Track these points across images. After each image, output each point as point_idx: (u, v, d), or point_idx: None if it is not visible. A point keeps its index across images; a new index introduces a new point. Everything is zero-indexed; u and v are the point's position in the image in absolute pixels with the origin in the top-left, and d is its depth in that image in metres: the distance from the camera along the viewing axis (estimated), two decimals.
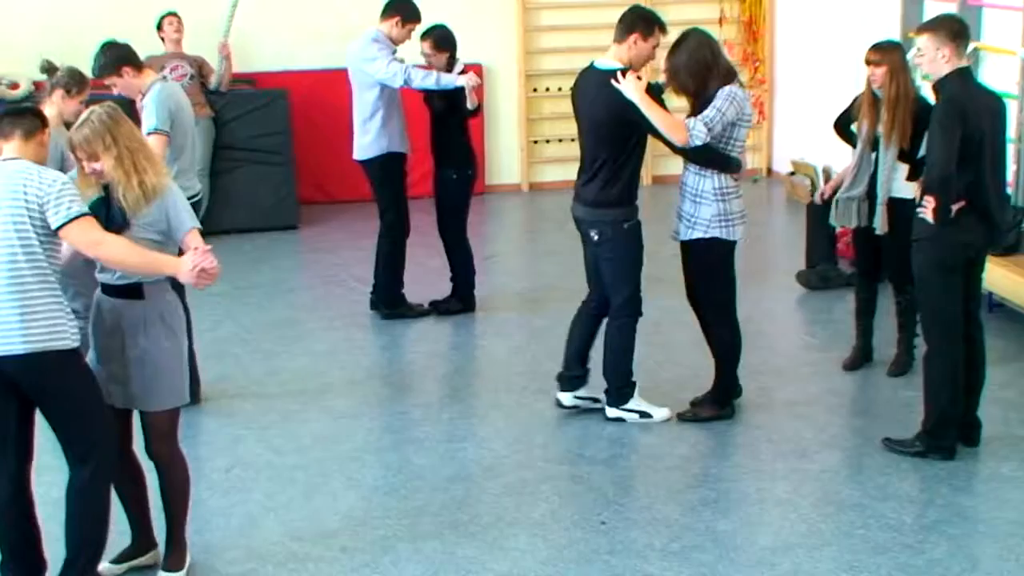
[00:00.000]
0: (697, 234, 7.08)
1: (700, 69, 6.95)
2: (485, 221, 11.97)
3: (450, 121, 9.00)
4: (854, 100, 7.93)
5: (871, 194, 7.72)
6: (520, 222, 12.28)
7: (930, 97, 6.84)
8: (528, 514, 6.29)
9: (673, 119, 6.91)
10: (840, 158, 9.80)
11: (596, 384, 7.44)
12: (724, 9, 13.13)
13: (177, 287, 5.65)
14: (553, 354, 7.90)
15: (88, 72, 7.35)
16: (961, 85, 6.45)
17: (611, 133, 7.01)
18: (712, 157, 6.99)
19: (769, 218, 12.16)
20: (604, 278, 7.26)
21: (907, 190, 7.45)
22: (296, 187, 11.82)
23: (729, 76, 7.01)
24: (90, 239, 5.13)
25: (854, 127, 7.93)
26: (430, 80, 8.75)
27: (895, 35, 9.86)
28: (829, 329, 8.93)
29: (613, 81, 6.89)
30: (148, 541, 5.82)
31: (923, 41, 6.52)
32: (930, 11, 10.09)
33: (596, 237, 7.16)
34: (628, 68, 6.95)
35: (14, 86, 11.29)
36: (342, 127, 10.69)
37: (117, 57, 7.29)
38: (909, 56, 7.59)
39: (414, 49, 9.13)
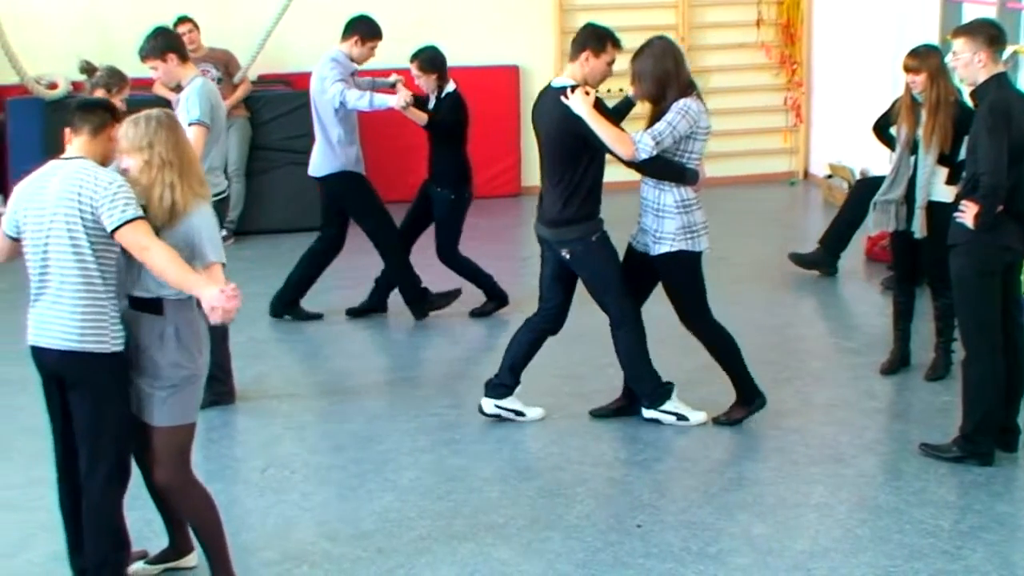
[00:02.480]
0: (663, 248, 7.06)
1: (661, 77, 6.95)
2: (521, 222, 11.95)
3: (446, 141, 9.04)
4: (893, 103, 7.90)
5: (909, 197, 7.68)
6: None
7: (970, 101, 6.80)
8: (563, 517, 6.28)
9: (619, 133, 6.91)
10: (878, 161, 9.77)
11: (530, 399, 7.45)
12: (762, 12, 13.13)
13: None
14: (588, 358, 7.91)
15: (127, 72, 7.40)
16: (1000, 91, 6.42)
17: (565, 149, 7.02)
18: (663, 169, 6.97)
19: (806, 221, 12.11)
20: (589, 293, 7.27)
21: (946, 194, 7.41)
22: None
23: (688, 89, 6.97)
24: (139, 243, 5.09)
25: (893, 130, 7.90)
26: (363, 102, 8.79)
27: (934, 38, 9.82)
28: (866, 333, 8.89)
29: (562, 97, 6.91)
30: (184, 544, 5.78)
31: (959, 45, 6.49)
32: (969, 14, 10.04)
33: (568, 256, 7.15)
34: (579, 85, 6.96)
35: (52, 86, 11.30)
36: (376, 128, 10.71)
37: (167, 43, 7.47)
38: (947, 59, 7.55)
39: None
